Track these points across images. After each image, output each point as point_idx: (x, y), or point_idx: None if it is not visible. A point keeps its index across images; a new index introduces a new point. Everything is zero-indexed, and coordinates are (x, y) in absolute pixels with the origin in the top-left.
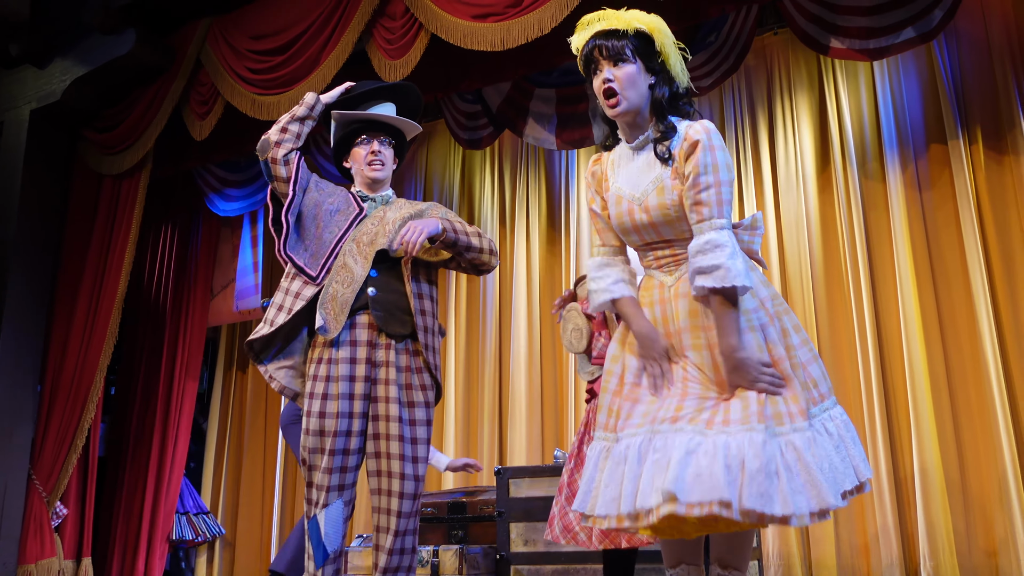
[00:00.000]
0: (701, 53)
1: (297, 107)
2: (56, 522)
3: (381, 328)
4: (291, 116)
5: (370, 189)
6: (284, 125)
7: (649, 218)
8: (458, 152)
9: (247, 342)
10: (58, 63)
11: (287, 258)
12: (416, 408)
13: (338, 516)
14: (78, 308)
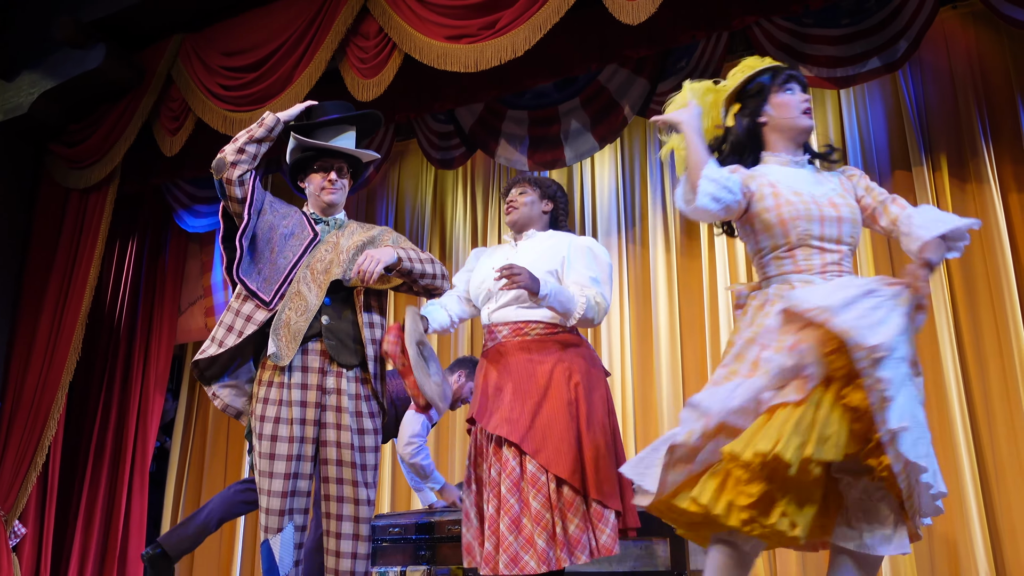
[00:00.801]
0: (671, 79)
1: (256, 127)
2: (14, 542)
3: (333, 357)
4: (249, 136)
5: (324, 212)
6: (241, 145)
7: (838, 213)
8: (430, 172)
9: (194, 361)
10: (26, 76)
11: (239, 281)
12: (366, 435)
13: (290, 540)
14: (41, 323)
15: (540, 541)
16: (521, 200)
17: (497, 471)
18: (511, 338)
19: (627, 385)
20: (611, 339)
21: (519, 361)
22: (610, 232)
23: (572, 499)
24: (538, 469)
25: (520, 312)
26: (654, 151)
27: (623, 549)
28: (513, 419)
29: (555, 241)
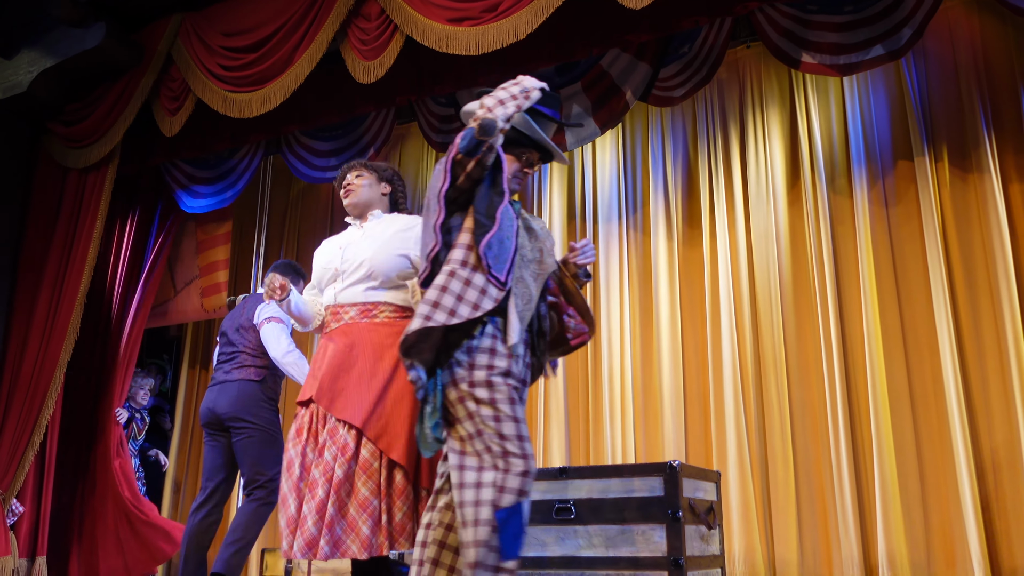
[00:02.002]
0: (674, 63)
1: (522, 98)
2: (12, 520)
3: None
4: (517, 106)
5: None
6: (511, 113)
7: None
8: (431, 155)
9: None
10: (25, 54)
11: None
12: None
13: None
14: (39, 303)
15: (364, 528)
16: (358, 183)
17: (332, 455)
18: (359, 319)
19: (627, 372)
20: (611, 326)
21: (366, 344)
22: (611, 218)
23: (403, 487)
24: (372, 455)
25: (369, 294)
26: (656, 138)
27: (620, 535)
28: (357, 403)
29: (405, 223)
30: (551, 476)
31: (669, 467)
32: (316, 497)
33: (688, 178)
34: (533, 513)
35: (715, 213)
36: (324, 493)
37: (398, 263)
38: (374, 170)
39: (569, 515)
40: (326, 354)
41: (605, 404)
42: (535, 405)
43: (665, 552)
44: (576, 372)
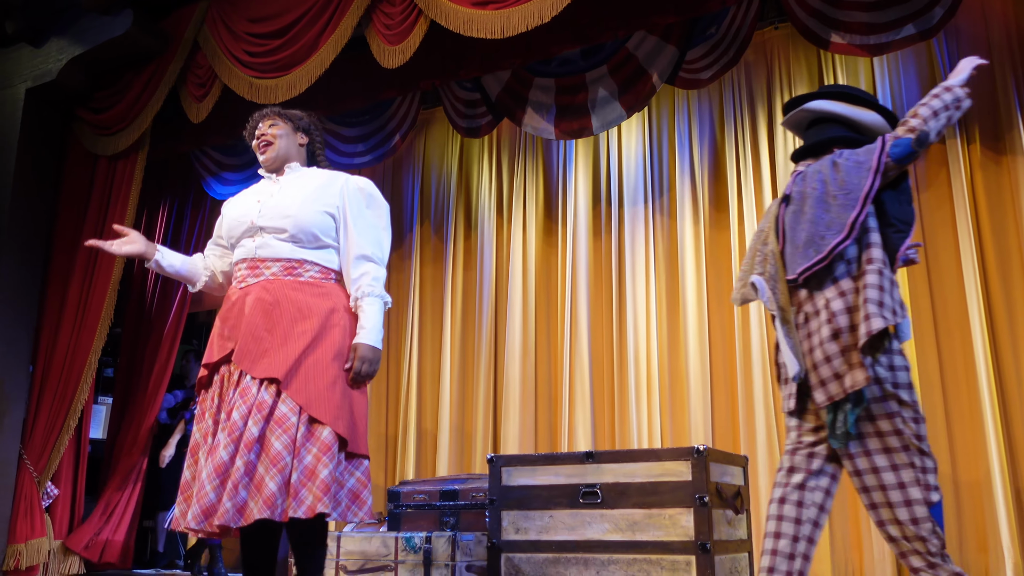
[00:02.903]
0: (701, 45)
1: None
2: (47, 502)
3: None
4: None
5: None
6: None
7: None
8: (456, 140)
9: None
10: (54, 42)
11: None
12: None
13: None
14: (71, 290)
15: (271, 484)
16: (273, 133)
17: (242, 414)
18: (282, 276)
19: (653, 356)
20: (637, 311)
21: (289, 303)
22: (637, 202)
23: (329, 445)
24: (291, 410)
25: (296, 250)
26: (682, 121)
27: (647, 519)
28: (280, 361)
29: (326, 180)
30: (577, 460)
31: (696, 451)
32: (216, 459)
33: (715, 161)
34: (558, 497)
35: (743, 196)
36: (228, 455)
37: (322, 221)
38: (289, 119)
39: (595, 499)
40: (244, 310)
41: (631, 388)
42: (561, 388)
43: (692, 536)
44: (601, 356)
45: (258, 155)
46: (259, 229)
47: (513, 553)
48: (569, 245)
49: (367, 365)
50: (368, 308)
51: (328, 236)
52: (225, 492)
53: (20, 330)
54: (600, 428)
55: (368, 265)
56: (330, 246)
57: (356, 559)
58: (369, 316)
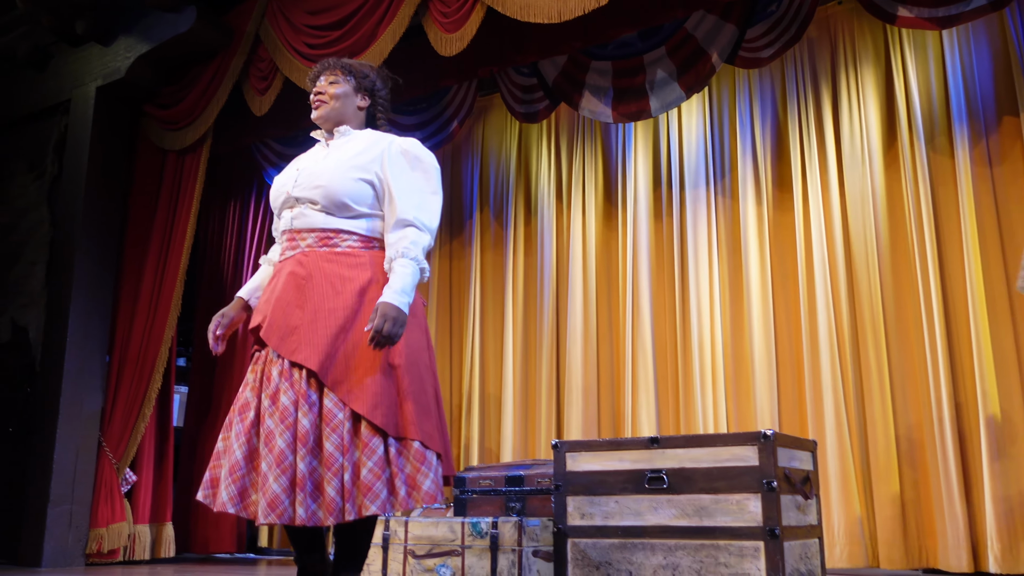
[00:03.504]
0: (761, 23)
1: None
2: (126, 488)
3: None
4: None
5: None
6: None
7: None
8: (514, 126)
9: None
10: (122, 40)
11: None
12: None
13: None
14: (144, 281)
15: (330, 490)
16: (332, 91)
17: (291, 400)
18: (317, 247)
19: (718, 340)
20: (700, 295)
21: (323, 275)
22: (698, 184)
23: (368, 440)
24: (335, 404)
25: (330, 220)
26: (743, 100)
27: (714, 504)
28: (312, 344)
29: (369, 143)
30: (642, 445)
31: (763, 436)
32: (275, 450)
33: (778, 141)
34: (624, 483)
35: (807, 176)
36: (285, 444)
37: (355, 188)
38: (353, 75)
39: (661, 484)
40: (278, 284)
41: (695, 373)
42: (623, 373)
43: (760, 522)
44: (665, 340)
45: (312, 112)
46: (295, 200)
47: (579, 538)
48: (630, 229)
49: (388, 324)
50: (400, 270)
51: (364, 205)
52: (295, 496)
53: (97, 321)
54: (664, 413)
55: (408, 230)
56: (369, 215)
57: (424, 544)
58: (400, 277)
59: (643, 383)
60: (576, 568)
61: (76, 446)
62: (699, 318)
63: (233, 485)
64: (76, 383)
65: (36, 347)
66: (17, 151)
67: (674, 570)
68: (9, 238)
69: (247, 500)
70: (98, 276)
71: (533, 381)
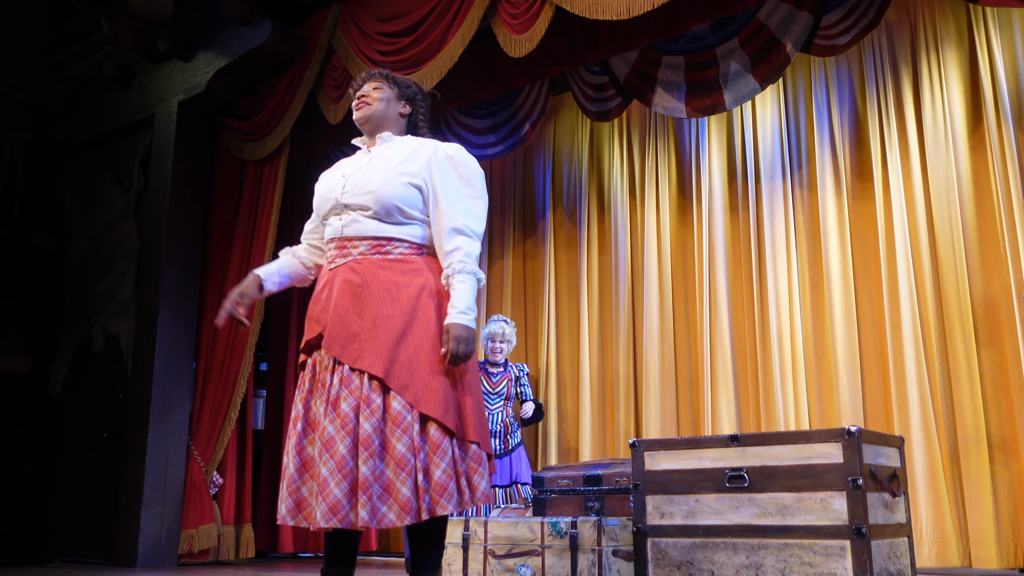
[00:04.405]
0: (836, 10)
1: None
2: (213, 490)
3: None
4: None
5: None
6: None
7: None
8: (586, 125)
9: None
10: (201, 56)
11: None
12: None
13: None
14: (227, 289)
15: (404, 489)
16: (375, 96)
17: (352, 406)
18: (369, 255)
19: (797, 336)
20: (779, 288)
21: (379, 283)
22: (775, 176)
23: (439, 442)
24: (403, 407)
25: (383, 227)
26: (820, 89)
27: (797, 503)
28: (375, 350)
29: (414, 149)
30: (722, 443)
31: (848, 432)
32: (336, 455)
33: (856, 130)
34: (703, 481)
35: (887, 164)
36: (347, 450)
37: (406, 194)
38: (397, 84)
39: (742, 483)
40: (332, 292)
41: (775, 369)
42: (702, 371)
43: (846, 521)
44: (744, 336)
45: (354, 113)
46: (344, 207)
47: (659, 538)
48: (705, 224)
49: (463, 345)
50: (459, 286)
51: (415, 209)
52: (358, 499)
53: (183, 330)
54: (744, 411)
55: (460, 239)
56: (419, 220)
57: (503, 544)
58: (461, 295)
59: (722, 380)
60: (657, 568)
61: (166, 450)
62: (778, 313)
63: (290, 498)
64: (165, 389)
65: (127, 355)
66: (105, 166)
67: (757, 570)
68: (100, 250)
69: (305, 511)
70: (184, 285)
71: (610, 380)
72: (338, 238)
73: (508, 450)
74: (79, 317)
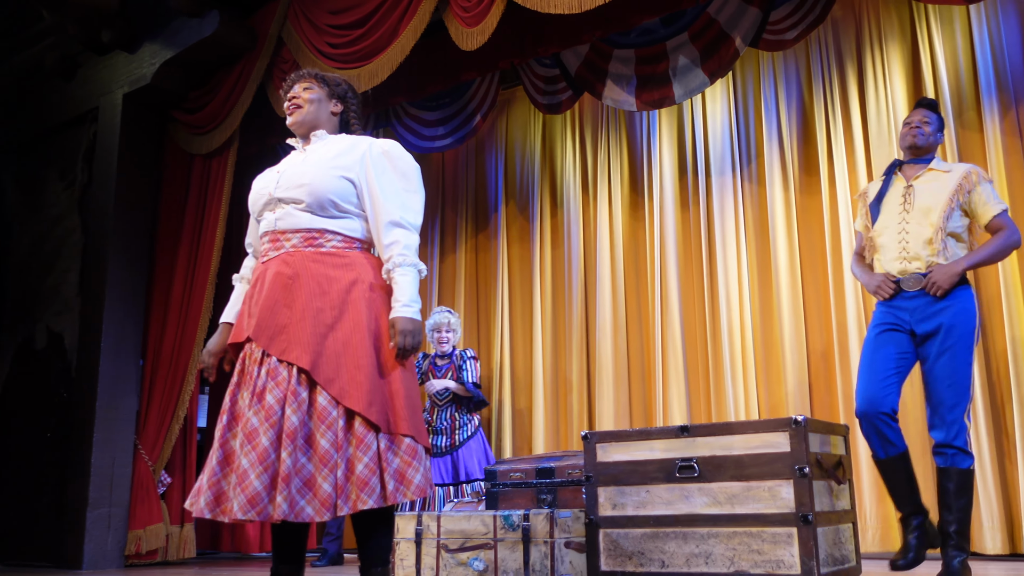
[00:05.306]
0: (785, 5)
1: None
2: (161, 490)
3: None
4: None
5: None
6: None
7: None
8: (538, 119)
9: None
10: (147, 47)
11: None
12: None
13: None
14: (175, 285)
15: (326, 485)
16: (306, 97)
17: (277, 398)
18: (302, 247)
19: (747, 328)
20: (729, 282)
21: (310, 275)
22: (724, 171)
23: (363, 436)
24: (328, 402)
25: (315, 220)
26: (768, 84)
27: (745, 492)
28: (302, 342)
29: (348, 145)
30: (673, 435)
31: (795, 422)
32: (258, 447)
33: (804, 124)
34: (654, 472)
35: (834, 159)
36: (268, 442)
37: (340, 187)
38: (327, 83)
39: (692, 473)
40: (264, 285)
41: (725, 361)
42: (654, 363)
43: (793, 508)
44: (694, 329)
45: (287, 117)
46: (277, 201)
47: (611, 529)
48: (656, 218)
49: (409, 338)
50: (401, 279)
51: (348, 203)
52: (277, 490)
53: (130, 326)
54: (695, 402)
55: (398, 232)
56: (353, 214)
57: (456, 538)
58: (403, 288)
59: (673, 372)
60: (609, 558)
61: (113, 449)
62: (728, 306)
63: (210, 491)
64: (111, 387)
65: (72, 353)
66: (48, 161)
67: (707, 558)
68: (43, 247)
69: (223, 504)
70: (130, 281)
71: (563, 373)
72: (271, 231)
73: (455, 446)
74: (21, 314)
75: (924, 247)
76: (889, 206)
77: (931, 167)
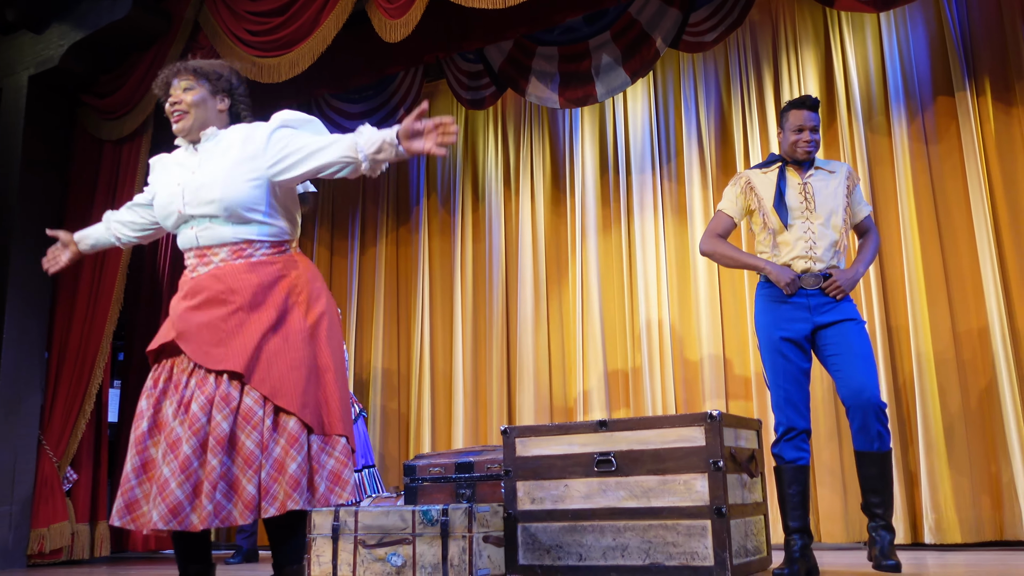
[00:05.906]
0: (704, 8)
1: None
2: (67, 487)
3: None
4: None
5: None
6: None
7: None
8: (461, 113)
9: None
10: (55, 28)
11: None
12: None
13: None
14: (82, 275)
15: (249, 487)
16: (189, 100)
17: (202, 406)
18: (232, 260)
19: (666, 324)
20: (648, 279)
21: (245, 287)
22: (644, 169)
23: (296, 435)
24: (255, 402)
25: (239, 230)
26: (688, 85)
27: (661, 485)
28: (237, 351)
29: (245, 135)
30: (591, 429)
31: (709, 416)
32: (180, 456)
33: (722, 124)
34: (573, 466)
35: (750, 158)
36: (191, 450)
37: (251, 195)
38: (207, 78)
39: (610, 467)
40: (197, 300)
41: (644, 356)
42: (573, 359)
43: (707, 501)
44: (614, 325)
45: (172, 125)
46: (189, 216)
47: (529, 523)
48: (578, 214)
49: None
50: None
51: (266, 205)
52: (200, 497)
53: (34, 318)
54: (614, 397)
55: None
56: (273, 215)
57: (374, 533)
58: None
59: (594, 367)
60: (527, 552)
61: (15, 445)
62: (647, 301)
63: (121, 498)
64: (14, 380)
65: None
66: None
67: (623, 551)
68: None
69: (135, 512)
70: (34, 270)
71: (484, 368)
72: (195, 248)
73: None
74: None
75: (829, 250)
76: (790, 205)
77: (817, 165)
